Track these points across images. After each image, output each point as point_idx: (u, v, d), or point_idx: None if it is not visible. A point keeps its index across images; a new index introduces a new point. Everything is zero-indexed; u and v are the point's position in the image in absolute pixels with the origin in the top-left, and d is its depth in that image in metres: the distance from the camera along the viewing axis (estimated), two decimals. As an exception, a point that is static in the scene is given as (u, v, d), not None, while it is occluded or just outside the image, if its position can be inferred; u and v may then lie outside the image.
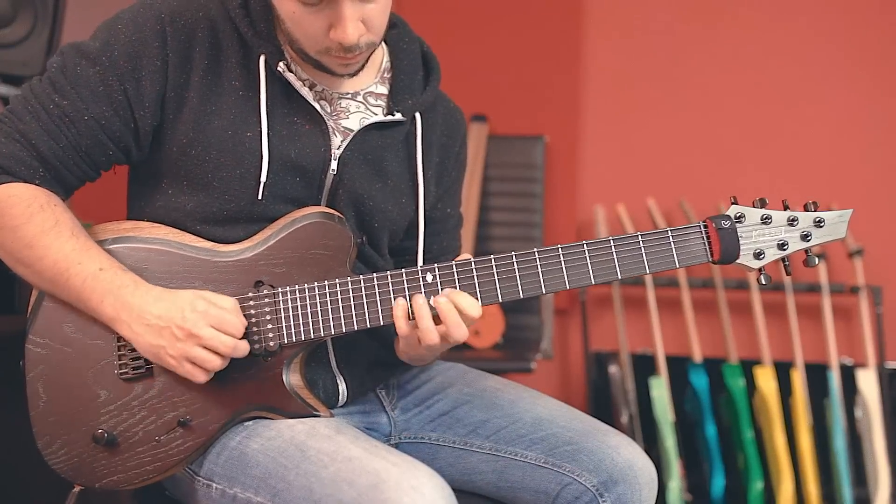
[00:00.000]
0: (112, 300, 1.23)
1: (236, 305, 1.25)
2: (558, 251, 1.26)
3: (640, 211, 3.10)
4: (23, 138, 1.26)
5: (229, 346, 1.22)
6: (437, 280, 1.26)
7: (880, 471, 2.79)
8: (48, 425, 1.29)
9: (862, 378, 2.86)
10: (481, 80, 3.15)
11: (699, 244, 1.27)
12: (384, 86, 1.41)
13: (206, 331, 1.21)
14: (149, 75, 1.27)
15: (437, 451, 1.44)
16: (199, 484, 1.29)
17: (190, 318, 1.21)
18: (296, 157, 1.31)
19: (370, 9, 1.23)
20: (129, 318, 1.23)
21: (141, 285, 1.25)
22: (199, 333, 1.21)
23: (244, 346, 1.24)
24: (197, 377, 1.23)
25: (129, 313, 1.23)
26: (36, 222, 1.25)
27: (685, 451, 2.93)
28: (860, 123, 3.03)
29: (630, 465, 1.35)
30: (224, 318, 1.22)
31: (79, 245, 1.25)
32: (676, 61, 3.13)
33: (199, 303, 1.22)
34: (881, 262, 2.98)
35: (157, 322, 1.22)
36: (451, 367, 1.54)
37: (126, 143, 1.30)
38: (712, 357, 2.99)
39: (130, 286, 1.24)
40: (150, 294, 1.24)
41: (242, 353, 1.24)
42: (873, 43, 3.01)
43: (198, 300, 1.23)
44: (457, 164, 1.52)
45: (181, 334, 1.21)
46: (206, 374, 1.23)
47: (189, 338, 1.21)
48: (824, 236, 1.27)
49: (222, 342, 1.21)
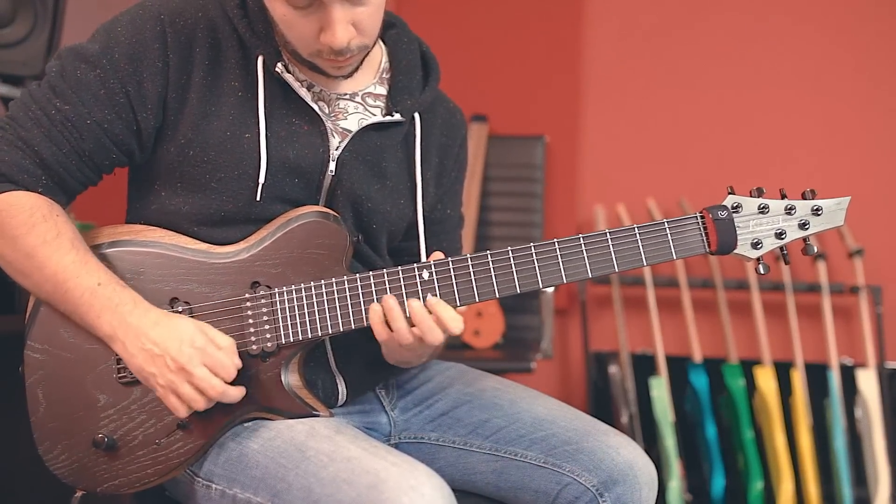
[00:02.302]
0: (109, 317, 1.22)
1: (233, 346, 1.24)
2: (554, 245, 1.25)
3: (640, 211, 3.10)
4: (25, 145, 1.25)
5: (217, 391, 1.21)
6: (434, 277, 1.25)
7: (880, 471, 2.78)
8: (48, 431, 1.29)
9: (862, 378, 2.85)
10: (481, 80, 3.15)
11: (696, 235, 1.26)
12: (383, 86, 1.41)
13: (199, 370, 1.20)
14: (150, 77, 1.27)
15: (437, 451, 1.44)
16: (199, 485, 1.29)
17: (186, 352, 1.20)
18: (294, 158, 1.31)
19: (360, 12, 1.22)
20: (125, 338, 1.22)
21: (140, 304, 1.24)
22: (191, 371, 1.20)
23: (233, 393, 1.23)
24: (178, 412, 1.22)
25: (125, 333, 1.22)
26: (37, 233, 1.24)
27: (685, 451, 2.93)
28: (860, 124, 3.03)
29: (630, 465, 1.34)
30: (219, 360, 1.21)
31: (78, 258, 1.24)
32: (676, 61, 3.13)
33: (199, 338, 1.21)
34: (881, 262, 2.97)
35: (153, 349, 1.21)
36: (450, 367, 1.53)
37: (129, 145, 1.30)
38: (712, 357, 2.98)
39: (129, 304, 1.23)
40: (149, 317, 1.23)
41: (230, 399, 1.23)
42: (873, 44, 3.01)
43: (197, 335, 1.22)
44: (457, 164, 1.51)
45: (174, 366, 1.20)
46: (187, 410, 1.22)
47: (180, 372, 1.20)
48: (822, 224, 1.26)
49: (212, 385, 1.20)
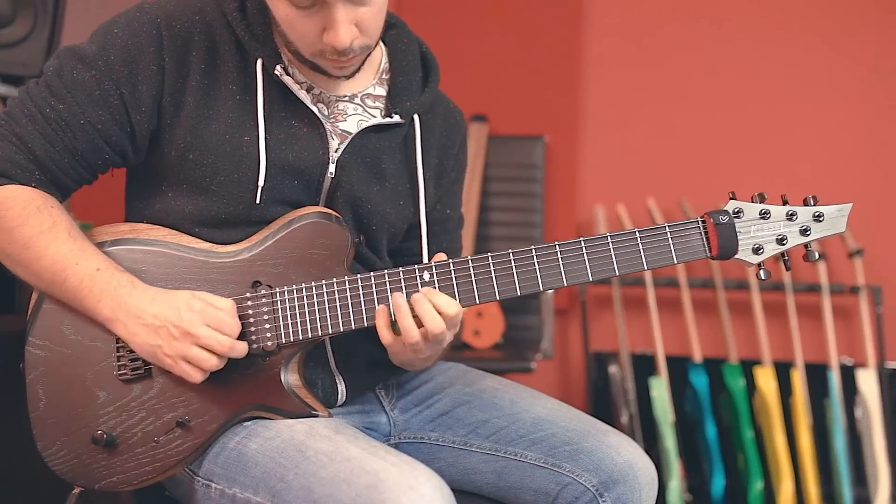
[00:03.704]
0: (109, 300, 1.24)
1: (233, 306, 1.25)
2: (556, 248, 1.25)
3: (640, 211, 3.10)
4: (19, 141, 1.26)
5: (226, 346, 1.22)
6: (435, 278, 1.26)
7: (880, 471, 2.78)
8: (48, 427, 1.29)
9: (862, 378, 2.85)
10: (481, 80, 3.15)
11: (697, 240, 1.26)
12: (382, 87, 1.41)
13: (202, 329, 1.21)
14: (145, 79, 1.27)
15: (437, 451, 1.44)
16: (199, 484, 1.29)
17: (186, 317, 1.21)
18: (294, 160, 1.31)
19: (363, 12, 1.22)
20: (125, 318, 1.23)
21: (137, 285, 1.25)
22: (195, 332, 1.21)
23: (242, 347, 1.24)
24: (193, 376, 1.23)
25: (125, 313, 1.23)
26: (33, 224, 1.25)
27: (685, 451, 2.93)
28: (860, 125, 3.03)
29: (630, 465, 1.34)
30: (220, 318, 1.22)
31: (76, 246, 1.25)
32: (676, 62, 3.13)
33: (196, 302, 1.23)
34: (881, 262, 2.98)
35: (154, 321, 1.22)
36: (450, 367, 1.53)
37: (122, 147, 1.30)
38: (712, 357, 2.99)
39: (127, 286, 1.24)
40: (147, 294, 1.24)
41: (240, 353, 1.24)
42: (874, 46, 3.01)
43: (194, 300, 1.23)
44: (456, 164, 1.51)
45: (177, 333, 1.21)
46: (202, 373, 1.23)
47: (185, 336, 1.21)
48: (824, 230, 1.26)
49: (219, 341, 1.21)
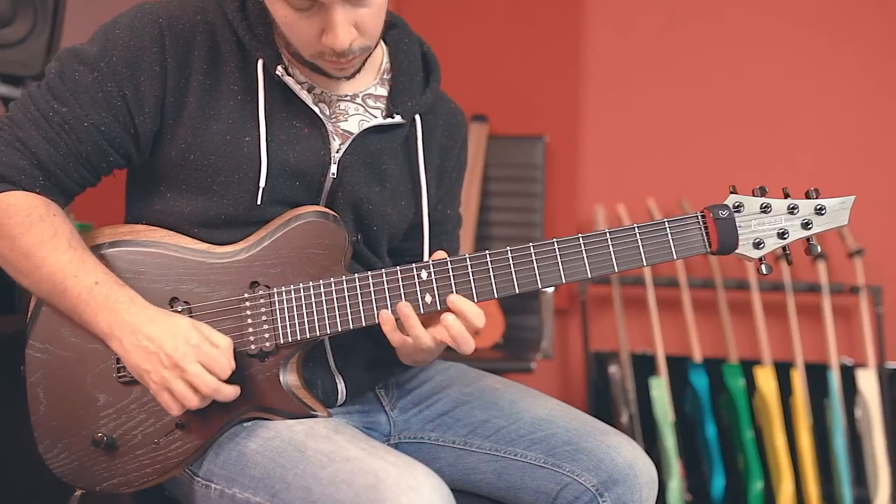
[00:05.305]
0: (106, 315, 1.23)
1: (230, 345, 1.24)
2: (554, 245, 1.25)
3: (640, 211, 3.10)
4: (23, 146, 1.25)
5: (211, 388, 1.21)
6: (433, 277, 1.25)
7: (880, 471, 2.79)
8: (49, 429, 1.29)
9: (862, 378, 2.86)
10: (481, 80, 3.15)
11: (697, 235, 1.25)
12: (383, 87, 1.41)
13: (192, 366, 1.20)
14: (147, 80, 1.27)
15: (437, 451, 1.44)
16: (198, 484, 1.29)
17: (181, 349, 1.20)
18: (295, 161, 1.31)
19: (362, 13, 1.22)
20: (121, 335, 1.22)
21: (136, 302, 1.24)
22: (185, 367, 1.20)
23: (227, 391, 1.23)
24: (172, 409, 1.22)
25: (121, 330, 1.22)
26: (34, 232, 1.24)
27: (685, 451, 2.93)
28: (860, 124, 3.03)
29: (630, 465, 1.34)
30: (214, 357, 1.21)
31: (76, 257, 1.24)
32: (676, 61, 3.13)
33: (194, 335, 1.21)
34: (881, 262, 2.98)
35: (148, 345, 1.21)
36: (450, 367, 1.53)
37: (126, 148, 1.30)
38: (712, 357, 2.99)
39: (126, 302, 1.23)
40: (146, 313, 1.23)
41: (224, 396, 1.23)
42: (874, 44, 3.01)
43: (192, 331, 1.22)
44: (457, 165, 1.51)
45: (168, 363, 1.20)
46: (181, 408, 1.22)
47: (174, 368, 1.20)
48: (826, 224, 1.24)
49: (205, 382, 1.20)
